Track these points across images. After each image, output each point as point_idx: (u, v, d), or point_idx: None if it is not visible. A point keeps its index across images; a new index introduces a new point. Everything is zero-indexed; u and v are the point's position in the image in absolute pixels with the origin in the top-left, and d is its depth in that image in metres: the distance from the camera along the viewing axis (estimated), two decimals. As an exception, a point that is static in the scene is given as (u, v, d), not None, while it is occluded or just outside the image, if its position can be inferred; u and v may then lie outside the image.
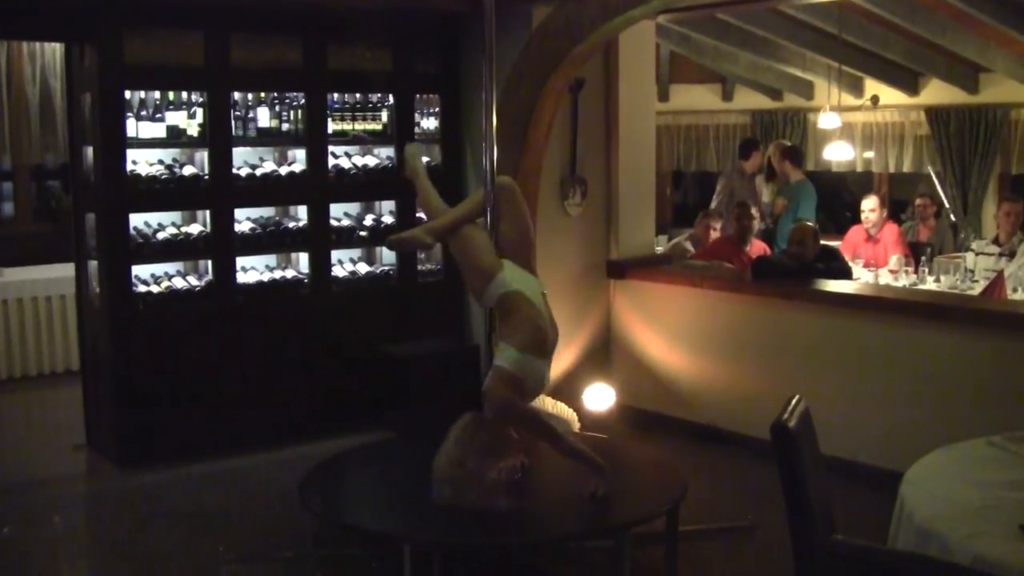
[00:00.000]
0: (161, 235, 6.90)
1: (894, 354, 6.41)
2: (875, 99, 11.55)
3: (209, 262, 7.10)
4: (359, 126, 7.53)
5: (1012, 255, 8.55)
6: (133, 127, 6.70)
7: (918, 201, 10.72)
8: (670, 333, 7.62)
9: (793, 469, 3.48)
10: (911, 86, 11.24)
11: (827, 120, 10.54)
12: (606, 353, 7.93)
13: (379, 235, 7.66)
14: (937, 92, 11.09)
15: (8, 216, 11.01)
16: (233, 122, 7.01)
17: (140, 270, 6.91)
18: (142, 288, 6.86)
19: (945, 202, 11.16)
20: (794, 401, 3.72)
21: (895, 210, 11.80)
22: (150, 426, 6.78)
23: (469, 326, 7.88)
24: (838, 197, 13.42)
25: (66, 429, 7.54)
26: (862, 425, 6.45)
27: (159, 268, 7.05)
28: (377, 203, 7.85)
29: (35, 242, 10.17)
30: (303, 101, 7.26)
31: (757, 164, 11.02)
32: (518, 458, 4.45)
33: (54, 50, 9.92)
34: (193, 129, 6.89)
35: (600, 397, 7.41)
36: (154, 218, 7.00)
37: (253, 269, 7.33)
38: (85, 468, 7.07)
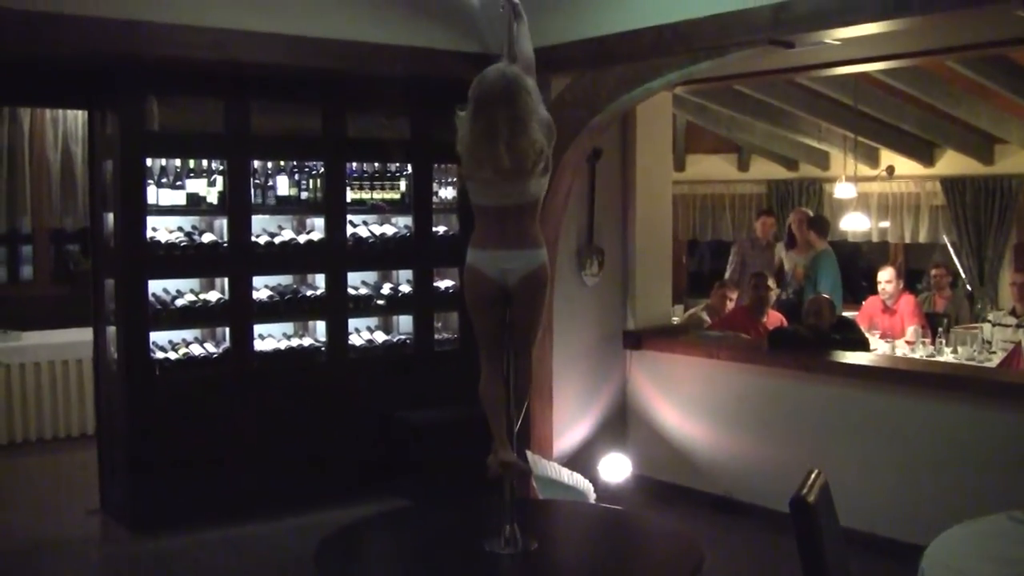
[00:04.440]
0: (179, 301, 6.94)
1: (912, 426, 6.38)
2: (891, 169, 11.60)
3: (227, 329, 7.12)
4: (377, 195, 7.58)
5: (1029, 326, 8.52)
6: (153, 194, 6.77)
7: (934, 271, 10.69)
8: (687, 403, 7.60)
9: (812, 544, 3.45)
10: (926, 157, 11.29)
11: (843, 190, 10.58)
12: (622, 423, 7.90)
13: (396, 304, 7.70)
14: (952, 163, 11.14)
15: (27, 279, 11.10)
16: (252, 190, 7.06)
17: (158, 336, 6.94)
18: (160, 354, 6.89)
19: (961, 272, 11.15)
20: (813, 475, 3.70)
21: (911, 279, 11.78)
22: (165, 491, 6.76)
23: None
24: (854, 267, 13.42)
25: (80, 493, 7.52)
26: (880, 497, 6.41)
27: (177, 334, 7.08)
28: (394, 272, 7.86)
29: (53, 305, 10.23)
30: (322, 170, 7.33)
31: (766, 230, 11.03)
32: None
33: (76, 116, 10.06)
34: (212, 196, 6.96)
35: (616, 467, 7.38)
36: (173, 284, 7.04)
37: (270, 336, 7.35)
38: (99, 532, 7.04)
